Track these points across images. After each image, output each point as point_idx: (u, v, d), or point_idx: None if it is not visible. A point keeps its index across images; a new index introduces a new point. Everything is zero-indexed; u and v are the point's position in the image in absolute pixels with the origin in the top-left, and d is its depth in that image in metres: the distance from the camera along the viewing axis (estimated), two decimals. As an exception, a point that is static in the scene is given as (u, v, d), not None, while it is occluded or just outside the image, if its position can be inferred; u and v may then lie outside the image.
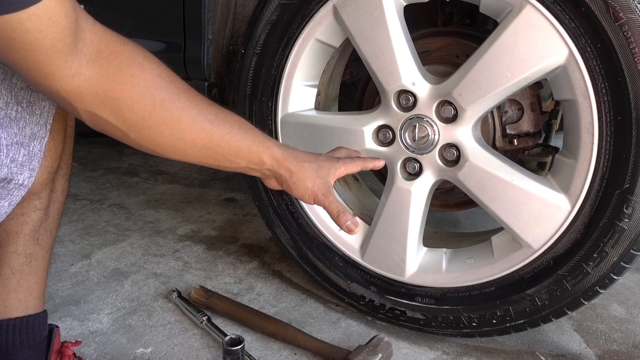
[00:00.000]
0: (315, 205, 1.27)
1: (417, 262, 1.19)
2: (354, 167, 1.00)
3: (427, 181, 1.14)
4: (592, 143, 0.96)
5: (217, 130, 0.78)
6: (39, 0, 0.57)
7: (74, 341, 1.04)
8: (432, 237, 1.34)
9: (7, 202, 0.79)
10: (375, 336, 1.15)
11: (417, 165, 1.14)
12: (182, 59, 1.35)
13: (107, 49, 0.67)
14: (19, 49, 0.59)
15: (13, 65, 0.62)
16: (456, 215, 1.89)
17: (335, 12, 1.11)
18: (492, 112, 1.15)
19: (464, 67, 1.04)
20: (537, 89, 1.17)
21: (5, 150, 0.75)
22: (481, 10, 1.03)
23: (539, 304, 1.08)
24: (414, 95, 1.09)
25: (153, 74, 0.71)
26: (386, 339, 1.14)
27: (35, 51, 0.60)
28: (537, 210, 1.03)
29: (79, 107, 0.68)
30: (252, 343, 1.20)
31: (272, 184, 0.93)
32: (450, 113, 1.07)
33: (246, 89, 1.27)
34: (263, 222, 1.40)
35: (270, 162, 0.87)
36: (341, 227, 0.94)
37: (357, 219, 0.94)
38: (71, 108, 0.68)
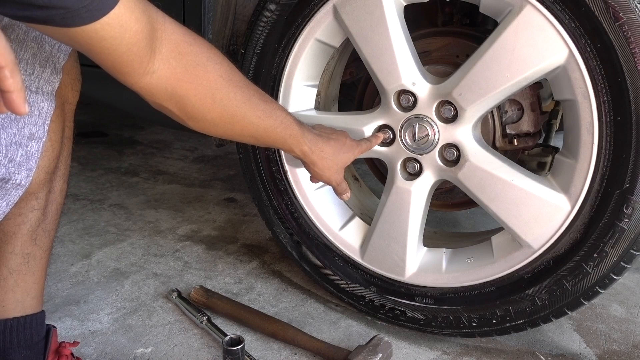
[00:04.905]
0: (315, 206, 1.27)
1: (417, 262, 1.19)
2: (365, 149, 1.12)
3: (427, 181, 1.14)
4: (592, 143, 0.96)
5: (262, 124, 0.90)
6: (109, 11, 0.61)
7: (72, 341, 1.04)
8: (432, 237, 1.34)
9: (4, 202, 0.79)
10: (375, 336, 1.15)
11: (417, 165, 1.14)
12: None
13: (175, 49, 0.74)
14: (99, 53, 0.66)
15: (99, 63, 0.69)
16: (456, 215, 1.89)
17: (335, 12, 1.11)
18: (492, 112, 1.15)
19: (464, 67, 1.04)
20: (537, 89, 1.17)
21: (4, 151, 0.75)
22: (481, 10, 1.03)
23: (539, 304, 1.08)
24: (414, 95, 1.09)
25: (215, 75, 0.80)
26: (386, 339, 1.14)
27: (112, 55, 0.67)
28: (537, 210, 1.03)
29: (149, 99, 0.77)
30: (252, 343, 1.20)
31: (296, 158, 1.05)
32: (450, 113, 1.07)
33: (246, 89, 1.26)
34: (263, 222, 1.40)
35: (299, 153, 1.01)
36: (338, 196, 1.16)
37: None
38: (142, 98, 0.77)
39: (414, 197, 1.14)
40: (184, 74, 0.76)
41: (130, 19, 0.65)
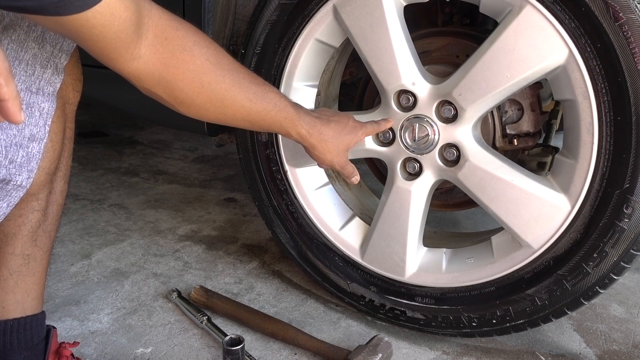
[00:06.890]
0: (315, 206, 1.27)
1: (417, 262, 1.19)
2: (371, 132, 1.10)
3: (427, 181, 1.14)
4: (592, 143, 0.96)
5: (255, 107, 0.89)
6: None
7: (72, 342, 1.04)
8: (432, 237, 1.34)
9: (5, 203, 0.79)
10: (375, 336, 1.15)
11: (417, 165, 1.14)
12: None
13: (162, 35, 0.74)
14: (88, 40, 0.67)
15: (86, 49, 0.71)
16: (456, 215, 1.89)
17: (335, 12, 1.11)
18: (492, 112, 1.15)
19: (464, 67, 1.04)
20: (537, 89, 1.17)
21: (4, 152, 0.75)
22: (481, 10, 1.03)
23: (539, 304, 1.08)
24: (414, 95, 1.09)
25: (202, 59, 0.80)
26: (386, 339, 1.14)
27: (101, 41, 0.68)
28: (537, 210, 1.03)
29: (138, 85, 0.77)
30: (252, 343, 1.20)
31: (296, 142, 1.03)
32: (450, 113, 1.07)
33: (246, 89, 1.26)
34: (263, 222, 1.40)
35: (296, 136, 0.99)
36: (347, 180, 1.13)
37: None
38: (132, 84, 0.78)
39: (414, 197, 1.14)
40: (171, 59, 0.76)
41: (120, 7, 0.66)
